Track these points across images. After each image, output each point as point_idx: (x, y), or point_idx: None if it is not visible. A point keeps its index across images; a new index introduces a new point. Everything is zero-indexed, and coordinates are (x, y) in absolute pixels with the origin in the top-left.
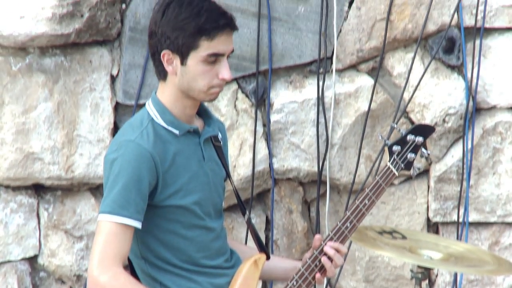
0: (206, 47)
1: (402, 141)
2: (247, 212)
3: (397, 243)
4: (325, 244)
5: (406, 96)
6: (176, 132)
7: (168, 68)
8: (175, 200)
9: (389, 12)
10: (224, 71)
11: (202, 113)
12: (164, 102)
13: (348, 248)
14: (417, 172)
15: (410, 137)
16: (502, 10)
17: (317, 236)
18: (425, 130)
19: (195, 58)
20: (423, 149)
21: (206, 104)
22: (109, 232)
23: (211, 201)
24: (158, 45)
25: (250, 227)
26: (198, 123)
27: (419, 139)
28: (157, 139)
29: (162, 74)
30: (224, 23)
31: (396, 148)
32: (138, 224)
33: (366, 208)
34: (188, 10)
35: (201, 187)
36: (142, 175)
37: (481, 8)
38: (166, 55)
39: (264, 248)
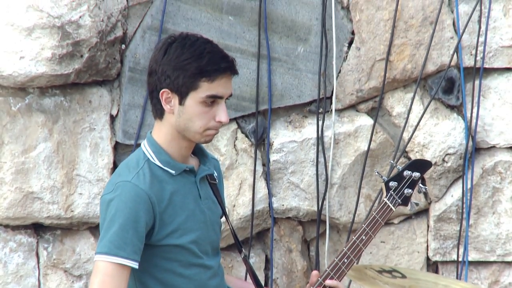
0: (205, 89)
1: (399, 177)
2: (243, 250)
3: (396, 282)
4: (323, 280)
5: (406, 136)
6: (172, 172)
7: (166, 107)
8: (173, 239)
9: (389, 53)
10: (222, 113)
11: (197, 151)
12: (159, 142)
13: (348, 287)
14: (415, 207)
15: (407, 173)
16: (502, 51)
17: (314, 272)
18: (422, 166)
19: (193, 99)
20: (420, 185)
21: (205, 144)
22: (105, 272)
23: (209, 239)
24: (157, 83)
25: (247, 265)
26: (193, 162)
27: (416, 174)
28: (153, 179)
29: (159, 113)
30: (225, 66)
31: (393, 183)
32: (135, 265)
33: (363, 243)
34: (190, 51)
35: (198, 225)
36: (139, 216)
37: (480, 48)
38: (165, 94)
39: (261, 286)
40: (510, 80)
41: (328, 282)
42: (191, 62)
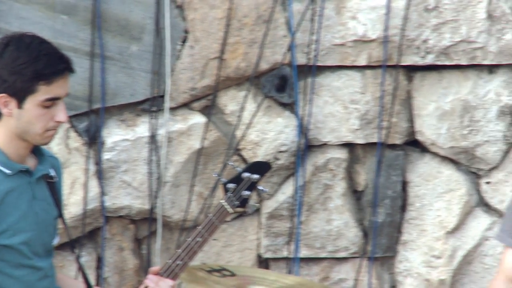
0: (44, 92)
1: (237, 179)
2: (76, 250)
3: (226, 281)
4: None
5: (239, 134)
6: (8, 172)
7: (4, 110)
8: (2, 239)
9: (222, 51)
10: (61, 114)
11: (36, 151)
12: None
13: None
14: (254, 209)
15: (245, 175)
16: (334, 49)
17: (152, 269)
18: (261, 168)
19: (32, 102)
20: (260, 187)
21: None
22: None
23: (41, 241)
24: None
25: (78, 264)
26: (31, 162)
27: (255, 176)
28: None
29: None
30: (62, 67)
31: (231, 185)
32: None
33: (199, 245)
34: (26, 54)
35: (30, 226)
36: None
37: (313, 46)
38: (2, 98)
39: (91, 285)
40: (342, 78)
41: (150, 276)
42: (27, 66)
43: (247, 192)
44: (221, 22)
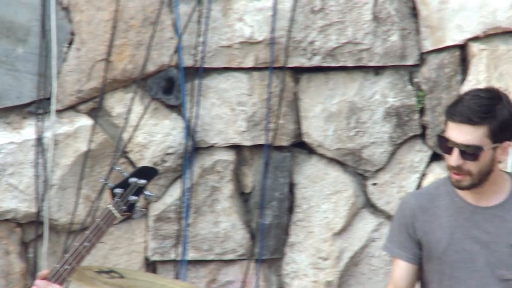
0: None
1: (124, 184)
2: None
3: (115, 282)
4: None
5: (126, 136)
6: None
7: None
8: None
9: (109, 53)
10: None
11: None
12: None
13: None
14: (140, 214)
15: (132, 180)
16: (221, 51)
17: (40, 273)
18: (148, 173)
19: None
20: (146, 192)
21: None
22: None
23: None
24: None
25: None
26: None
27: (142, 181)
28: None
29: None
30: None
31: (118, 190)
32: None
33: (86, 250)
34: None
35: None
36: None
37: (200, 48)
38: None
39: None
40: (229, 80)
41: (38, 282)
42: None
43: (134, 197)
44: (107, 24)
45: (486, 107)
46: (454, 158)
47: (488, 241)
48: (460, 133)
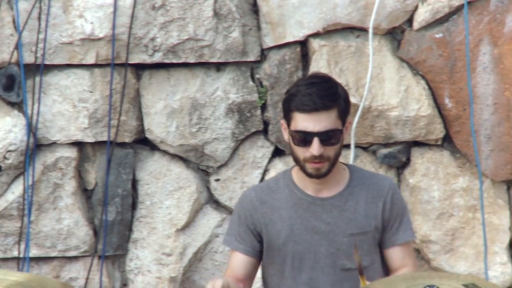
0: None
1: None
2: None
3: None
4: None
5: None
6: None
7: None
8: None
9: None
10: None
11: None
12: None
13: None
14: None
15: None
16: (62, 47)
17: None
18: None
19: None
20: None
21: None
22: None
23: None
24: None
25: None
26: None
27: None
28: None
29: None
30: None
31: None
32: None
33: None
34: None
35: None
36: None
37: (40, 45)
38: None
39: None
40: (70, 76)
41: None
42: None
43: None
44: None
45: (331, 90)
46: (316, 148)
47: (328, 231)
48: (317, 122)
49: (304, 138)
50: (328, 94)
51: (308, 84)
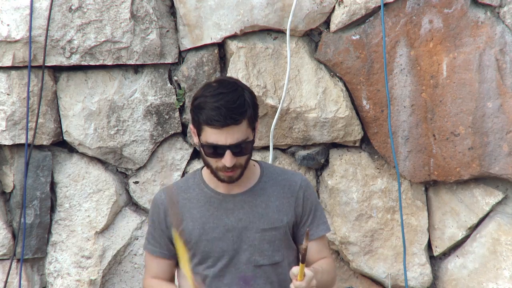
0: None
1: None
2: None
3: None
4: None
5: None
6: None
7: None
8: None
9: None
10: None
11: None
12: None
13: None
14: None
15: None
16: None
17: None
18: None
19: None
20: None
21: None
22: None
23: None
24: None
25: None
26: None
27: None
28: None
29: None
30: None
31: None
32: None
33: None
34: None
35: None
36: None
37: None
38: None
39: None
40: None
41: None
42: None
43: None
44: None
45: (239, 101)
46: (228, 160)
47: (240, 228)
48: (228, 135)
49: (216, 151)
50: (237, 106)
51: (216, 95)
